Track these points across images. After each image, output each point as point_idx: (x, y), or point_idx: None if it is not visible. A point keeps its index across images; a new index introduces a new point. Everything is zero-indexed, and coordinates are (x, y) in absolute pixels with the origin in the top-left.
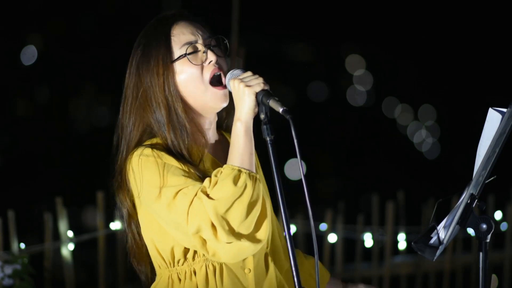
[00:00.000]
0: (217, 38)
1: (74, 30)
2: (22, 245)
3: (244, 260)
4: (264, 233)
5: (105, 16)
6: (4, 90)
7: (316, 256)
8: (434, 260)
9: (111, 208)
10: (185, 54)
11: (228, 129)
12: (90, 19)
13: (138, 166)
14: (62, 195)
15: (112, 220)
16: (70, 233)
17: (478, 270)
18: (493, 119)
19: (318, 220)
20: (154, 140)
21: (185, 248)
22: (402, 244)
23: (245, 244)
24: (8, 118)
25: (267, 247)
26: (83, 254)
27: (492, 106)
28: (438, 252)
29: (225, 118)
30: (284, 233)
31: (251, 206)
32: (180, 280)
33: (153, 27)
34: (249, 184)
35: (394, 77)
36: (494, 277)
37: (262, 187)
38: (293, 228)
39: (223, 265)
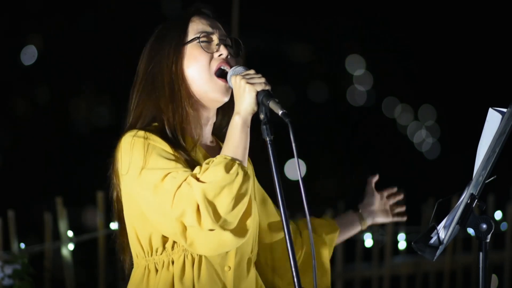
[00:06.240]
0: (235, 40)
1: (74, 30)
2: (22, 245)
3: (225, 257)
4: (247, 229)
5: (105, 16)
6: (4, 90)
7: (314, 259)
8: (434, 260)
9: (111, 208)
10: (198, 38)
11: (224, 137)
12: (90, 19)
13: (129, 146)
14: (62, 195)
15: (112, 220)
16: (70, 233)
17: (478, 270)
18: (493, 119)
19: None
20: (151, 126)
21: (163, 236)
22: (402, 244)
23: (227, 236)
24: (8, 118)
25: (251, 252)
26: (83, 254)
27: (492, 106)
28: (438, 252)
29: (224, 127)
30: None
31: (239, 197)
32: (157, 270)
33: (174, 18)
34: (241, 173)
35: (394, 77)
36: (494, 277)
37: (251, 183)
38: None
39: (203, 258)
